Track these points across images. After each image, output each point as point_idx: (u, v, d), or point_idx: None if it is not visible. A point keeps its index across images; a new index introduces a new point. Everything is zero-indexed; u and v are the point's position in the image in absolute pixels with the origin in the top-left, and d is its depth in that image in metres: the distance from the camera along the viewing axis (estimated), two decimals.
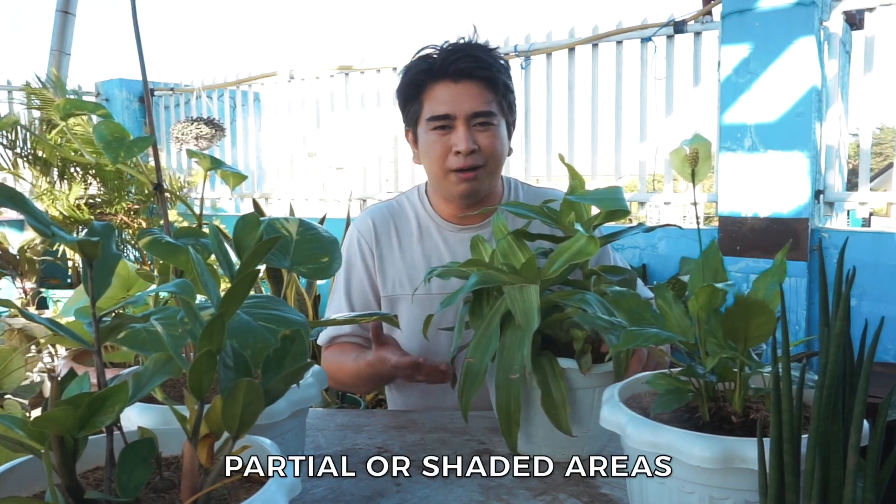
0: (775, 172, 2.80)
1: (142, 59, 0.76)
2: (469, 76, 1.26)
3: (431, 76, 1.27)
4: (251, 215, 0.68)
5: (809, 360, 1.64)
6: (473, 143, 1.26)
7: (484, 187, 1.33)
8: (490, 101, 1.27)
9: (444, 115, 1.26)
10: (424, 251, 1.36)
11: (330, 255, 0.75)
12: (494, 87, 1.28)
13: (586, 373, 0.91)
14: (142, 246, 0.63)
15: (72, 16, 5.19)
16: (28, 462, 0.58)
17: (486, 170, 1.29)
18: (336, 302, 1.39)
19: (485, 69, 1.26)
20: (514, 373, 0.89)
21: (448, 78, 1.26)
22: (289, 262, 0.72)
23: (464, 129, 1.26)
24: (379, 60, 4.42)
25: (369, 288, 1.37)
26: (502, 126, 1.31)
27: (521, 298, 0.90)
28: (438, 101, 1.27)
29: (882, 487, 0.53)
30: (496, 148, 1.29)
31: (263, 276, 2.64)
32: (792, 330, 2.75)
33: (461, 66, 1.25)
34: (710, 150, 0.75)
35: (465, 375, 0.95)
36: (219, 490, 0.57)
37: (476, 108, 1.26)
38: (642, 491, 0.72)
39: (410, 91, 1.31)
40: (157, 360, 0.56)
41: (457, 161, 1.27)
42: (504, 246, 1.03)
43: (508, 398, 0.90)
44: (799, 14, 2.70)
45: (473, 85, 1.26)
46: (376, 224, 1.38)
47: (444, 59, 1.26)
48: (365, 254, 1.37)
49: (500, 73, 1.29)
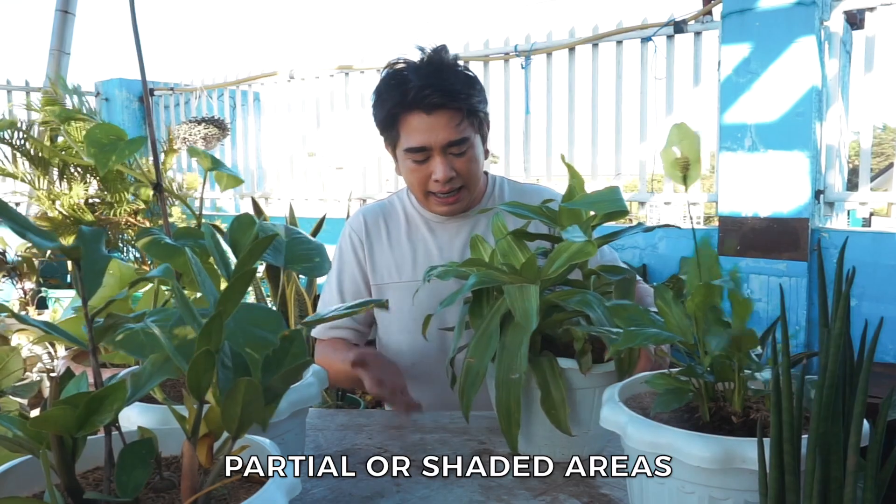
0: (775, 172, 2.80)
1: (141, 58, 0.76)
2: (441, 107, 1.28)
3: (405, 108, 1.30)
4: (246, 216, 0.69)
5: (809, 360, 1.64)
6: (451, 170, 1.31)
7: (465, 204, 1.39)
8: (463, 127, 1.31)
9: (420, 148, 1.30)
10: (412, 242, 1.43)
11: (320, 256, 0.79)
12: (467, 113, 1.31)
13: (586, 373, 0.91)
14: (140, 246, 0.64)
15: (72, 15, 5.19)
16: (27, 462, 0.58)
17: (466, 190, 1.36)
18: (328, 294, 1.45)
19: (454, 101, 1.29)
20: (514, 373, 0.89)
21: (421, 110, 1.29)
22: (283, 261, 0.74)
23: (440, 158, 1.30)
24: (379, 60, 4.42)
25: (360, 278, 1.44)
26: (477, 144, 1.36)
27: (521, 298, 0.90)
28: (414, 131, 1.30)
29: (882, 488, 0.52)
30: (472, 170, 1.35)
31: (263, 275, 2.64)
32: (792, 330, 2.75)
33: (433, 101, 1.27)
34: (699, 147, 0.73)
35: (465, 375, 0.94)
36: (219, 490, 0.57)
37: (450, 137, 1.29)
38: (642, 491, 0.71)
39: (387, 122, 1.34)
40: (156, 360, 0.56)
41: (437, 187, 1.33)
42: (504, 246, 1.03)
43: (508, 398, 0.90)
44: (799, 14, 2.70)
45: (446, 114, 1.29)
46: (367, 220, 1.46)
47: (416, 94, 1.28)
48: (356, 246, 1.44)
49: (471, 97, 1.31)
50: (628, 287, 0.98)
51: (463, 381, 0.95)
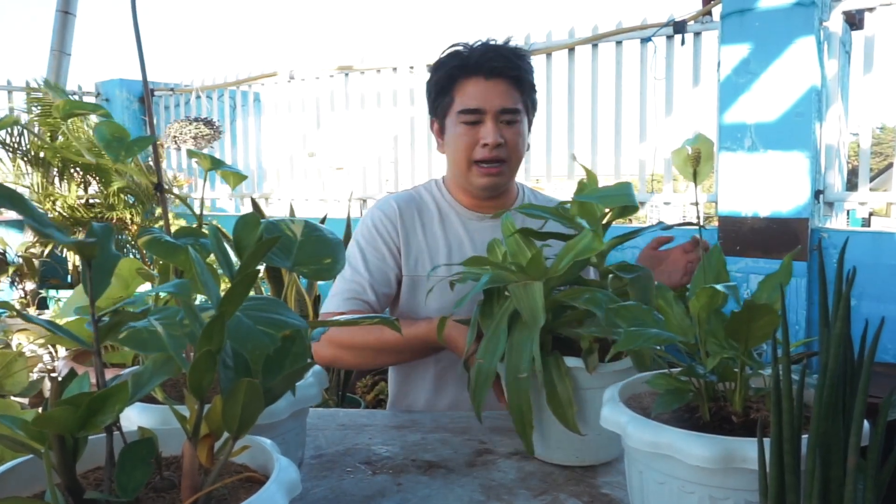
0: (775, 172, 2.80)
1: (142, 59, 0.76)
2: (500, 74, 1.33)
3: (465, 71, 1.34)
4: (251, 215, 0.68)
5: (810, 360, 1.64)
6: (500, 136, 1.33)
7: (504, 181, 1.40)
8: (517, 99, 1.36)
9: (475, 109, 1.33)
10: (446, 235, 1.42)
11: (333, 257, 0.75)
12: (521, 87, 1.36)
13: (593, 371, 0.90)
14: (141, 245, 0.63)
15: (72, 16, 5.18)
16: (28, 462, 0.58)
17: (508, 165, 1.37)
18: (351, 259, 1.38)
19: (515, 69, 1.34)
20: (521, 372, 0.89)
21: (481, 74, 1.33)
22: (291, 263, 0.72)
23: (492, 124, 1.33)
24: (379, 60, 4.42)
25: (391, 260, 1.38)
26: (525, 123, 1.39)
27: (526, 296, 0.90)
28: (470, 95, 1.34)
29: (882, 488, 0.52)
30: (519, 144, 1.38)
31: (263, 275, 2.64)
32: (792, 330, 2.75)
33: (494, 65, 1.33)
34: (712, 150, 0.75)
35: (476, 376, 0.94)
36: (219, 490, 0.57)
37: (505, 104, 1.33)
38: (642, 491, 0.72)
39: (444, 84, 1.37)
40: (157, 359, 0.56)
41: (482, 152, 1.34)
42: (512, 244, 1.03)
43: (519, 399, 0.90)
44: (799, 14, 2.70)
45: (503, 83, 1.34)
46: (400, 205, 1.42)
47: (478, 57, 1.34)
48: (388, 228, 1.39)
49: (528, 73, 1.38)
50: (646, 284, 0.95)
51: (474, 383, 0.95)
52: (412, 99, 4.33)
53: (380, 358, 1.35)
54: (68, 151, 3.68)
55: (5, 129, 3.66)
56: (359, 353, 1.31)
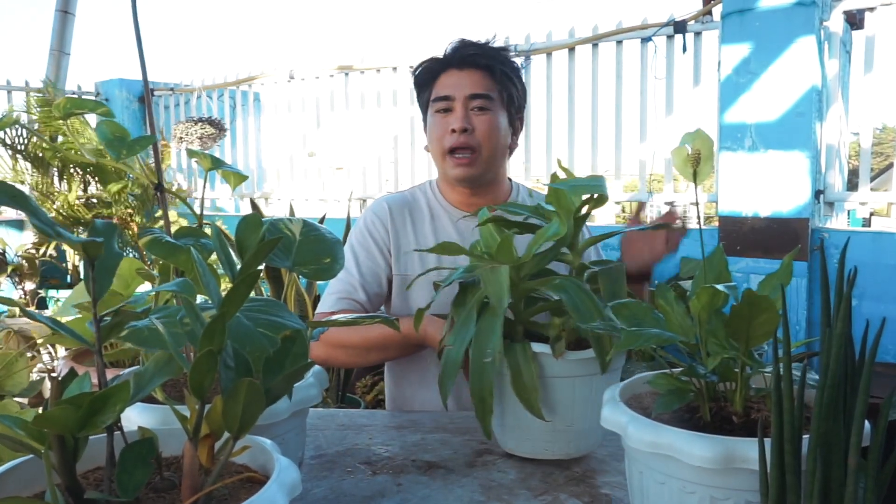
0: (775, 172, 2.80)
1: (142, 59, 0.76)
2: (472, 64, 1.36)
3: (441, 65, 1.38)
4: (253, 215, 0.68)
5: (810, 360, 1.64)
6: (468, 123, 1.34)
7: (479, 173, 1.38)
8: (489, 87, 1.36)
9: (445, 97, 1.35)
10: (436, 234, 1.42)
11: (332, 256, 0.75)
12: (494, 76, 1.37)
13: (559, 357, 0.90)
14: (142, 245, 0.63)
15: (72, 16, 5.19)
16: (28, 462, 0.58)
17: (480, 156, 1.36)
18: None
19: (486, 58, 1.36)
20: (486, 356, 0.88)
21: (454, 66, 1.37)
22: (291, 263, 0.72)
23: (461, 109, 1.34)
24: (379, 60, 4.42)
25: (381, 260, 1.40)
26: (500, 116, 1.38)
27: (493, 279, 0.89)
28: (443, 85, 1.37)
29: (883, 488, 0.52)
30: (490, 134, 1.36)
31: (263, 275, 2.64)
32: (792, 330, 2.74)
33: (466, 53, 1.36)
34: (712, 149, 0.74)
35: (444, 363, 0.94)
36: (219, 490, 0.57)
37: (475, 90, 1.34)
38: (643, 491, 0.72)
39: (424, 78, 1.41)
40: (158, 359, 0.56)
41: (451, 140, 1.34)
42: (486, 234, 1.02)
43: (482, 384, 0.89)
44: (799, 14, 2.70)
45: (476, 72, 1.36)
46: (391, 206, 1.44)
47: (453, 50, 1.37)
48: (379, 229, 1.42)
49: (503, 65, 1.38)
50: (616, 275, 0.96)
51: (441, 369, 0.94)
52: (412, 99, 4.29)
53: (370, 355, 1.37)
54: (68, 150, 3.68)
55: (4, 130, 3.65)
56: (349, 352, 1.33)
